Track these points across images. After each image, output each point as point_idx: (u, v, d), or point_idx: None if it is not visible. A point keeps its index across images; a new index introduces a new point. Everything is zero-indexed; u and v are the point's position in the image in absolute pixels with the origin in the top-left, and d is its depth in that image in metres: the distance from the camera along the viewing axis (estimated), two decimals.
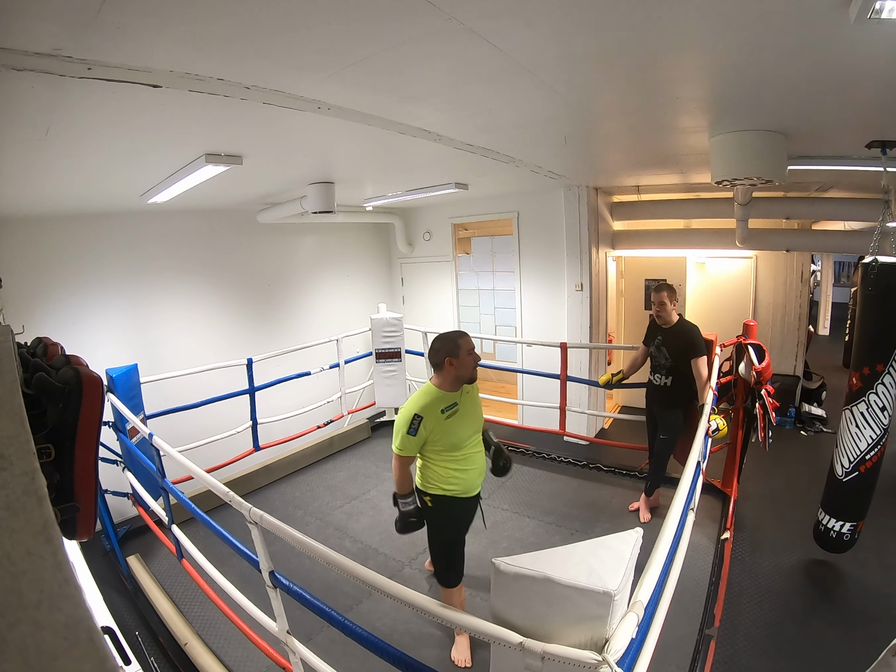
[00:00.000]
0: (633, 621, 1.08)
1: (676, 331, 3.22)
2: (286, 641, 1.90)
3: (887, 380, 2.44)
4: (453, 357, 2.08)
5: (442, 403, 2.09)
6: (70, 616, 0.32)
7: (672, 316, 3.23)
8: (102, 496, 3.17)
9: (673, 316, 3.23)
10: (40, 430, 0.95)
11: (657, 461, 3.38)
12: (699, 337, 3.14)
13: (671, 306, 3.21)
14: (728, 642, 2.36)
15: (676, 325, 3.23)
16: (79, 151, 2.05)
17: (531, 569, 1.16)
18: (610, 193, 4.87)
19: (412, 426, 2.03)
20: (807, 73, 1.57)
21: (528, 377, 5.18)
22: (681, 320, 3.26)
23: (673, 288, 3.26)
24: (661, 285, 3.27)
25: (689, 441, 2.34)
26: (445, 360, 2.09)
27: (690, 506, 2.08)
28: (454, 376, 2.11)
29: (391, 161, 3.07)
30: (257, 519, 1.75)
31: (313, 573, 2.85)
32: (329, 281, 5.50)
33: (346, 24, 1.20)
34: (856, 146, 2.44)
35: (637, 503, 3.53)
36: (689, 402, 3.18)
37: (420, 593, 1.36)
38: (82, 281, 3.64)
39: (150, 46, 1.24)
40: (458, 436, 2.12)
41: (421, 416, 2.03)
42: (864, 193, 3.92)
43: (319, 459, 4.74)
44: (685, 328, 3.21)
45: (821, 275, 9.25)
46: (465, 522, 2.33)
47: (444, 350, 2.09)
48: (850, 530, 2.67)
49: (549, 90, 1.76)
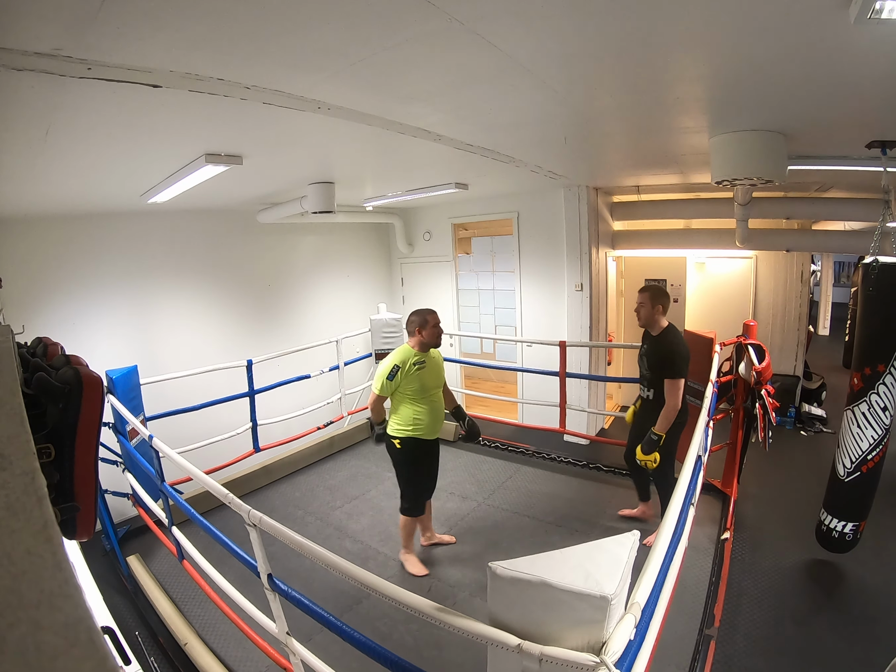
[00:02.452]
0: (630, 623, 1.08)
1: (659, 341, 2.95)
2: (286, 643, 1.90)
3: (888, 380, 2.44)
4: (423, 328, 2.83)
5: (414, 359, 2.81)
6: (70, 616, 0.32)
7: (654, 321, 2.96)
8: (102, 496, 3.17)
9: (657, 322, 2.96)
10: (40, 430, 0.95)
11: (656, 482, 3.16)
12: (679, 356, 2.83)
13: (653, 311, 2.93)
14: (728, 642, 2.36)
15: (661, 334, 2.95)
16: (79, 151, 2.05)
17: (528, 573, 1.16)
18: (610, 193, 4.87)
19: (392, 373, 2.75)
20: (807, 74, 1.57)
21: (528, 377, 5.18)
22: (666, 330, 2.96)
23: (661, 293, 2.98)
24: (648, 286, 3.05)
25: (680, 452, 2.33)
26: (416, 330, 2.84)
27: (691, 500, 2.07)
28: (422, 342, 2.84)
29: (391, 161, 3.07)
30: (256, 521, 1.74)
31: (314, 573, 2.85)
32: (329, 281, 5.50)
33: (345, 24, 1.20)
34: (856, 146, 2.44)
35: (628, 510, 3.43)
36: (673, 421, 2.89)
37: (419, 595, 1.36)
38: (82, 281, 3.65)
39: (150, 46, 1.24)
40: (424, 385, 2.83)
41: (399, 366, 2.76)
42: (864, 193, 3.92)
43: (319, 459, 4.74)
44: (667, 341, 2.92)
45: (821, 275, 9.24)
46: (427, 462, 2.96)
47: (417, 322, 2.84)
48: (852, 530, 2.67)
49: (549, 90, 1.76)
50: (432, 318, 2.85)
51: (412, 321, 2.86)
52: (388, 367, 2.76)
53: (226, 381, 4.08)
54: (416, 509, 2.96)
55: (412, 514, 2.95)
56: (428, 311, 2.88)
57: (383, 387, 2.77)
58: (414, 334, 2.85)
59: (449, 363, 5.48)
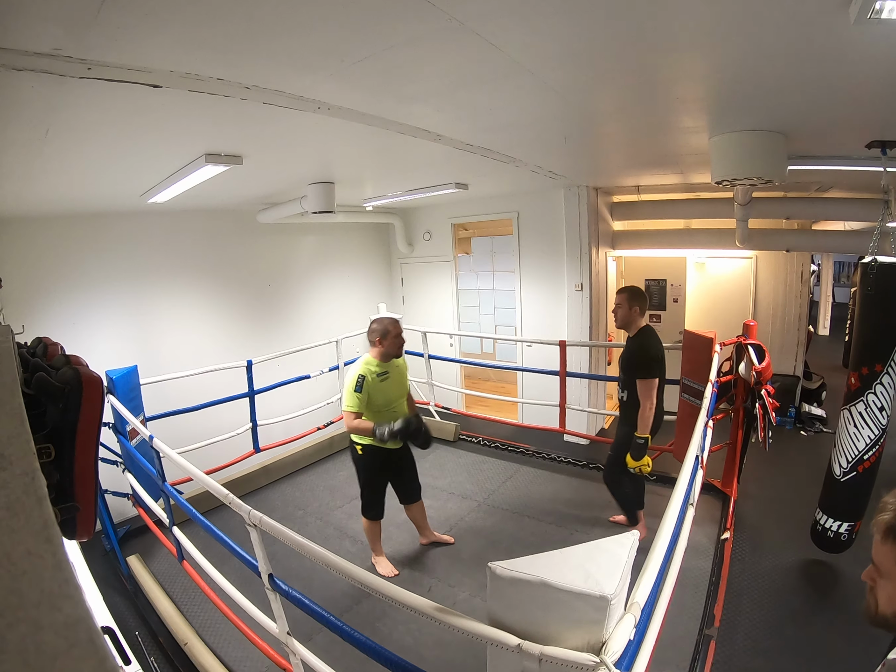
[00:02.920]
0: (630, 623, 1.08)
1: (633, 342, 2.97)
2: (286, 643, 1.90)
3: (886, 380, 2.44)
4: (384, 338, 2.79)
5: (377, 370, 2.78)
6: (70, 616, 0.32)
7: (631, 322, 2.95)
8: (102, 496, 3.17)
9: (634, 323, 2.95)
10: (40, 430, 0.95)
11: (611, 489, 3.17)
12: (647, 355, 2.84)
13: (630, 312, 2.93)
14: (728, 642, 2.36)
15: (636, 335, 2.96)
16: (79, 151, 2.05)
17: (527, 573, 1.16)
18: (610, 193, 4.87)
19: (358, 384, 2.69)
20: (807, 74, 1.57)
21: (528, 377, 5.18)
22: (640, 331, 2.96)
23: (638, 294, 2.98)
24: (626, 287, 3.05)
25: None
26: (377, 340, 2.79)
27: (690, 500, 2.07)
28: (383, 352, 2.80)
29: (391, 161, 3.07)
30: (257, 521, 1.74)
31: (314, 572, 2.85)
32: (329, 281, 5.50)
33: (345, 24, 1.20)
34: (856, 146, 2.44)
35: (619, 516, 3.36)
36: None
37: (418, 595, 1.35)
38: (82, 281, 3.64)
39: (150, 46, 1.24)
40: (388, 396, 2.83)
41: (364, 375, 2.72)
42: (864, 193, 3.92)
43: (319, 459, 4.74)
44: (638, 341, 2.93)
45: (821, 275, 9.24)
46: (387, 469, 2.95)
47: (378, 332, 2.80)
48: (847, 530, 2.67)
49: (549, 90, 1.76)
50: (394, 328, 2.82)
51: (374, 330, 2.81)
52: (353, 379, 2.71)
53: (226, 381, 4.08)
54: (374, 512, 2.99)
55: (369, 516, 3.00)
56: (390, 321, 2.86)
57: (353, 401, 2.69)
58: (375, 344, 2.81)
59: (449, 363, 5.54)
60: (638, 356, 2.89)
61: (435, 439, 5.16)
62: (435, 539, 3.27)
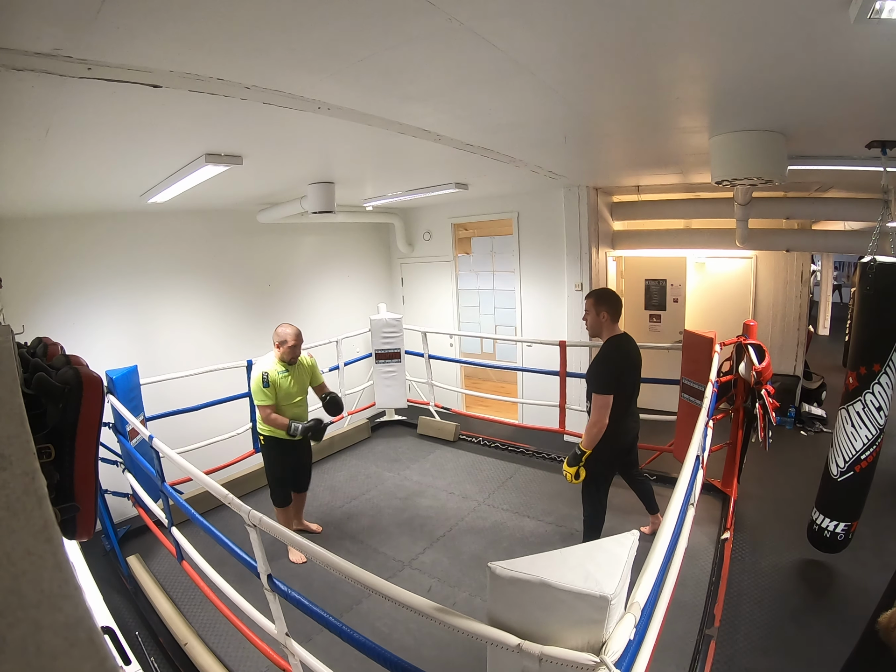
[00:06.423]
0: (630, 623, 1.08)
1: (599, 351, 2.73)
2: (285, 644, 1.90)
3: (884, 380, 2.43)
4: (281, 346, 3.04)
5: (278, 368, 3.06)
6: (70, 616, 0.31)
7: (601, 330, 2.70)
8: (102, 496, 3.17)
9: (604, 330, 2.70)
10: (40, 430, 0.95)
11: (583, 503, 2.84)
12: (600, 368, 2.60)
13: (598, 318, 2.68)
14: (728, 642, 2.35)
15: (604, 343, 2.71)
16: (79, 151, 2.05)
17: (527, 573, 1.16)
18: (610, 193, 4.87)
19: (264, 380, 2.98)
20: (807, 74, 1.57)
21: (528, 377, 5.18)
22: (608, 341, 2.69)
23: (605, 298, 2.72)
24: (592, 291, 2.84)
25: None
26: (276, 345, 3.06)
27: (690, 500, 2.07)
28: (280, 357, 3.07)
29: (391, 161, 3.07)
30: (256, 521, 1.74)
31: (314, 572, 2.84)
32: (329, 281, 5.50)
33: (345, 24, 1.20)
34: (856, 146, 2.44)
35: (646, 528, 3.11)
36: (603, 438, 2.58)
37: (417, 595, 1.36)
38: (82, 281, 3.65)
39: (150, 46, 1.24)
40: (288, 392, 3.08)
41: (266, 371, 3.00)
42: (863, 193, 3.92)
43: (319, 459, 4.73)
44: (602, 352, 2.68)
45: (821, 275, 9.24)
46: (289, 458, 3.18)
47: (278, 339, 3.05)
48: (843, 530, 2.66)
49: (549, 90, 1.76)
50: (292, 339, 3.02)
51: (278, 333, 3.04)
52: (258, 377, 2.99)
53: (226, 381, 4.07)
54: (280, 500, 3.20)
55: (276, 503, 3.21)
56: (292, 332, 3.04)
57: (263, 396, 2.97)
58: (277, 348, 3.06)
59: (449, 363, 5.54)
60: (593, 369, 2.66)
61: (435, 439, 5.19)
62: (303, 527, 3.50)
